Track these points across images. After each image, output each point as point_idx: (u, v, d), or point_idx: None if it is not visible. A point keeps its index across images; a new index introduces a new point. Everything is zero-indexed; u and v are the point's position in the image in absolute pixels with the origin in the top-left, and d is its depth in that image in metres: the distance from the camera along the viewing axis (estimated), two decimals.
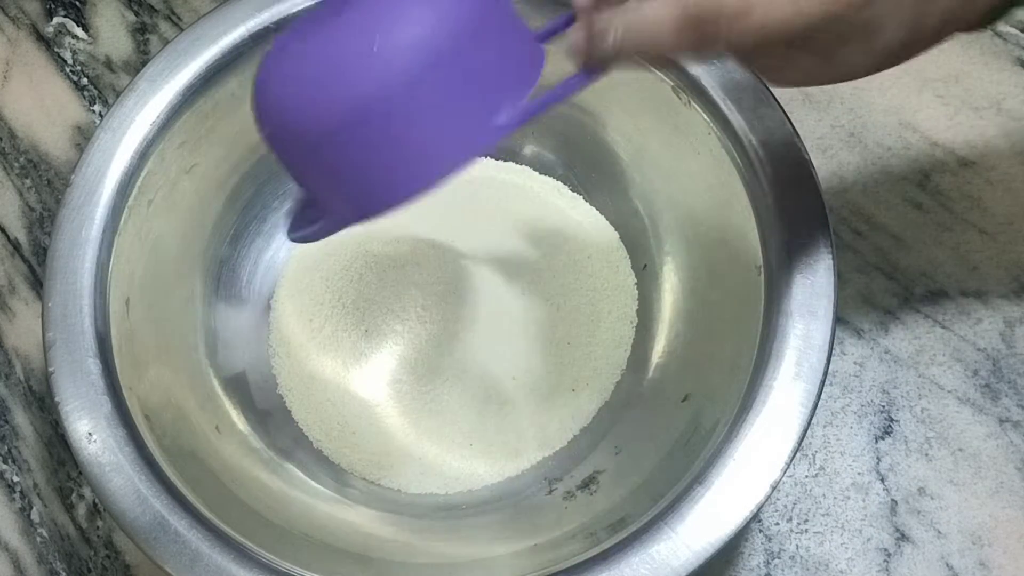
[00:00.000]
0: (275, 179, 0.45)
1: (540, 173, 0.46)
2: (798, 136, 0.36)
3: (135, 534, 0.32)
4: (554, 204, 0.45)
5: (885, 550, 0.40)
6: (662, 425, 0.38)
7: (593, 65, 0.30)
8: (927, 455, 0.41)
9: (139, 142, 0.38)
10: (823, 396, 0.40)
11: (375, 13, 0.26)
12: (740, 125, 0.36)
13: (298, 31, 0.28)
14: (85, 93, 0.53)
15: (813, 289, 0.33)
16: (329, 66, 0.26)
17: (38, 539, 0.43)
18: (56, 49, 0.54)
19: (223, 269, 0.43)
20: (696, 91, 0.38)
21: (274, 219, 0.45)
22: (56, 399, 0.33)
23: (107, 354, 0.35)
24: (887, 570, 0.39)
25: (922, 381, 0.42)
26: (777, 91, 0.37)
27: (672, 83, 0.38)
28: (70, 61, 0.53)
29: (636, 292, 0.43)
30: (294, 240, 0.31)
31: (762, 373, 0.32)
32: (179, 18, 0.54)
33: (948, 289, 0.44)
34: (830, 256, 0.34)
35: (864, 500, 0.40)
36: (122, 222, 0.37)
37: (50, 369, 0.34)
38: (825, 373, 0.32)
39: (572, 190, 0.45)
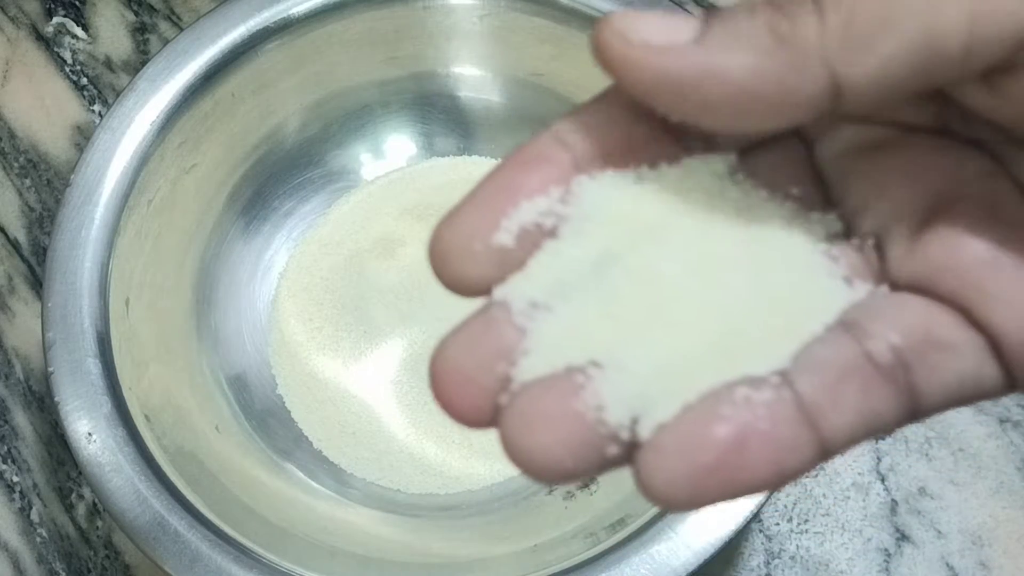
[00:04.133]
0: (275, 179, 0.45)
1: None
2: None
3: (135, 534, 0.32)
4: None
5: (885, 550, 0.40)
6: None
7: None
8: (927, 455, 0.41)
9: (139, 142, 0.38)
10: None
11: None
12: None
13: None
14: (85, 93, 0.53)
15: None
16: None
17: (38, 539, 0.43)
18: (56, 49, 0.54)
19: (223, 269, 0.43)
20: None
21: (274, 219, 0.45)
22: (56, 399, 0.33)
23: (107, 354, 0.35)
24: (887, 570, 0.39)
25: None
26: None
27: None
28: (70, 61, 0.53)
29: None
30: None
31: None
32: (179, 18, 0.54)
33: None
34: None
35: (864, 500, 0.40)
36: (122, 222, 0.37)
37: (50, 369, 0.34)
38: None
39: None
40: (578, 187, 0.16)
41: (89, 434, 0.33)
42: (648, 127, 0.16)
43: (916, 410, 0.15)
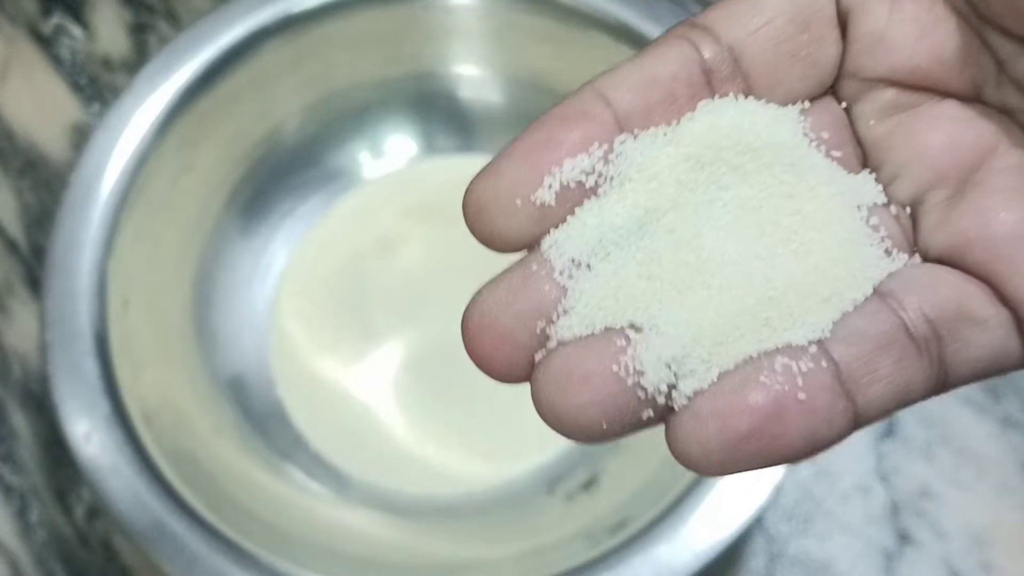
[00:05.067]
0: (275, 179, 0.44)
1: None
2: None
3: (134, 535, 0.32)
4: None
5: (887, 552, 0.40)
6: None
7: None
8: (929, 456, 0.41)
9: (138, 142, 0.38)
10: None
11: None
12: None
13: None
14: (83, 93, 0.52)
15: None
16: None
17: (36, 541, 0.43)
18: (54, 48, 0.54)
19: (223, 269, 0.43)
20: None
21: (274, 219, 0.45)
22: (54, 400, 0.33)
23: (105, 355, 0.35)
24: (889, 571, 0.39)
25: None
26: None
27: None
28: (68, 60, 0.53)
29: None
30: None
31: None
32: (178, 18, 0.54)
33: None
34: None
35: (866, 501, 0.40)
36: (120, 222, 0.37)
37: (48, 370, 0.34)
38: None
39: None
40: (620, 146, 0.16)
41: (87, 435, 0.33)
42: (690, 84, 0.16)
43: (944, 382, 0.16)
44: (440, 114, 0.46)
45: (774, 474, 0.31)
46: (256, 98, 0.42)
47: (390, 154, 0.46)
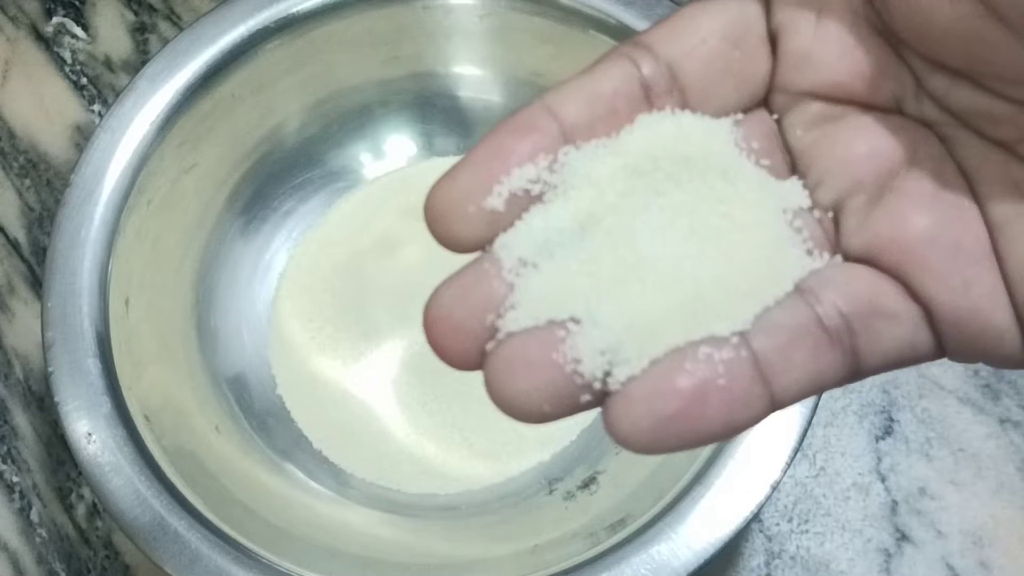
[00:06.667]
0: (275, 179, 0.45)
1: None
2: None
3: (135, 534, 0.32)
4: None
5: (886, 550, 0.40)
6: None
7: None
8: (928, 455, 0.41)
9: (138, 142, 0.38)
10: (823, 396, 0.39)
11: None
12: None
13: None
14: (85, 93, 0.52)
15: None
16: None
17: (37, 539, 0.43)
18: (55, 49, 0.54)
19: (223, 269, 0.43)
20: None
21: (274, 219, 0.45)
22: (55, 399, 0.33)
23: (106, 354, 0.35)
24: (887, 570, 0.39)
25: (923, 381, 0.42)
26: None
27: None
28: (69, 61, 0.53)
29: None
30: None
31: None
32: (179, 18, 0.54)
33: None
34: None
35: (865, 500, 0.40)
36: (121, 222, 0.37)
37: (49, 369, 0.34)
38: None
39: None
40: (564, 156, 0.17)
41: (89, 434, 0.33)
42: (630, 99, 0.17)
43: (857, 371, 0.17)
44: (440, 114, 0.46)
45: (772, 473, 0.31)
46: (256, 98, 0.42)
47: (390, 154, 0.46)
